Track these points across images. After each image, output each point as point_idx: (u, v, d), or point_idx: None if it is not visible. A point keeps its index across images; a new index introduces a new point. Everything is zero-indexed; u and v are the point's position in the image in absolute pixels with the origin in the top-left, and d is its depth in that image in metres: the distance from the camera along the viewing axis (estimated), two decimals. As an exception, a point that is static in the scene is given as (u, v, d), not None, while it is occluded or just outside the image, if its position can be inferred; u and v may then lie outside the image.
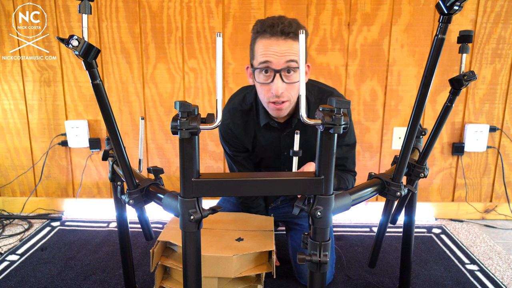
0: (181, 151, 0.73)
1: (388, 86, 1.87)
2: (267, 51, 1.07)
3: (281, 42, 1.06)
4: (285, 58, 1.06)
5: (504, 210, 2.00)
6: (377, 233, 1.04)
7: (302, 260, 0.77)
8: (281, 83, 1.08)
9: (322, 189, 0.76)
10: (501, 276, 1.45)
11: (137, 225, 1.38)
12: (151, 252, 1.17)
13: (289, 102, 1.14)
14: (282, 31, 1.06)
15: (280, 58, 1.06)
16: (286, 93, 1.11)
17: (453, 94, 1.00)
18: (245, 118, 1.29)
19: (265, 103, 1.17)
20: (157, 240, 1.20)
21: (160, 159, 1.98)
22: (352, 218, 1.96)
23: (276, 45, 1.06)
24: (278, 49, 1.06)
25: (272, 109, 1.16)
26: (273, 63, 1.07)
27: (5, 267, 1.48)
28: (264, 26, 1.08)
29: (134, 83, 1.89)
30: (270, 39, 1.07)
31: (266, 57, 1.06)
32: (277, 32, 1.06)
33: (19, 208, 2.03)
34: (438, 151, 1.95)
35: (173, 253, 1.26)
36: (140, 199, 0.88)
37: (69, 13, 1.82)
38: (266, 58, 1.07)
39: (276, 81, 1.07)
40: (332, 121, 0.70)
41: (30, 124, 1.96)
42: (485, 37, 1.82)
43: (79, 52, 0.68)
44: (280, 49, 1.06)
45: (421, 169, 1.05)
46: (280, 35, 1.06)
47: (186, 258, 0.78)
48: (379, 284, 1.39)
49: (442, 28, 0.75)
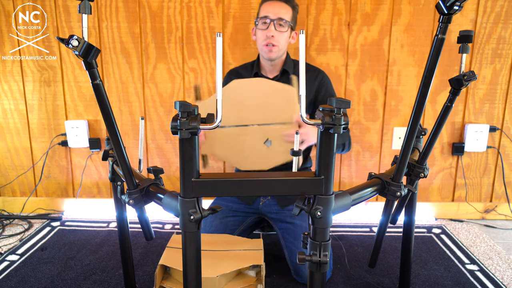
0: (181, 151, 0.73)
1: (388, 86, 1.87)
2: (267, 8, 1.49)
3: (277, 4, 1.48)
4: (279, 14, 1.46)
5: (504, 210, 2.00)
6: (377, 233, 1.04)
7: (302, 260, 0.77)
8: (273, 29, 1.46)
9: (322, 189, 0.76)
10: (501, 276, 1.45)
11: (137, 225, 1.37)
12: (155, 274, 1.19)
13: (278, 47, 1.48)
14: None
15: (275, 13, 1.46)
16: (276, 38, 1.46)
17: (453, 94, 1.00)
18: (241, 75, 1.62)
19: (261, 46, 1.50)
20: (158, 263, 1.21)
21: (160, 159, 1.98)
22: (352, 218, 1.96)
23: (273, 5, 1.48)
24: (274, 8, 1.47)
25: (265, 52, 1.49)
26: (270, 16, 1.46)
27: (5, 267, 1.48)
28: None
29: (134, 83, 1.89)
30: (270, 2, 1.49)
31: (266, 12, 1.48)
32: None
33: (19, 208, 2.03)
34: (438, 151, 1.95)
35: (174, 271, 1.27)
36: (140, 199, 0.88)
37: (69, 13, 1.82)
38: (265, 13, 1.48)
39: (270, 27, 1.46)
40: (332, 121, 0.70)
41: (30, 124, 1.96)
42: (485, 37, 1.82)
43: (79, 52, 0.68)
44: (275, 8, 1.47)
45: (421, 169, 1.05)
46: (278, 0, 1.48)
47: (186, 258, 0.78)
48: (379, 284, 1.39)
49: (442, 28, 0.75)
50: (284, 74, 1.56)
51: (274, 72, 1.57)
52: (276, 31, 1.46)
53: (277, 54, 1.49)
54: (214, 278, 1.14)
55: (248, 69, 1.63)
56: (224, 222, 1.49)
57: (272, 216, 1.53)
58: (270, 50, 1.47)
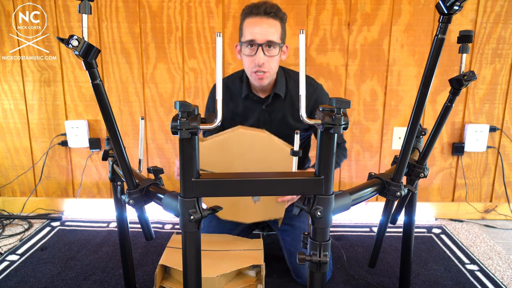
0: (181, 151, 0.73)
1: (388, 86, 1.87)
2: (252, 30, 1.28)
3: (264, 21, 1.28)
4: (266, 37, 1.27)
5: (504, 210, 2.00)
6: (377, 233, 1.04)
7: (302, 260, 0.77)
8: (262, 55, 1.28)
9: (322, 189, 0.76)
10: (501, 276, 1.45)
11: (137, 225, 1.37)
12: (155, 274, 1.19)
13: (269, 73, 1.32)
14: (265, 11, 1.28)
15: (263, 36, 1.27)
16: (266, 64, 1.30)
17: (453, 94, 1.00)
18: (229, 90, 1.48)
19: (249, 73, 1.34)
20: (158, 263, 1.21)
21: (160, 159, 1.98)
22: (352, 218, 1.96)
23: (259, 25, 1.27)
24: (261, 29, 1.27)
25: (255, 79, 1.33)
26: (257, 39, 1.27)
27: (5, 267, 1.48)
28: (250, 7, 1.31)
29: (134, 83, 1.89)
30: (255, 18, 1.29)
31: (252, 35, 1.28)
32: (260, 12, 1.28)
33: (19, 208, 2.03)
34: (438, 151, 1.95)
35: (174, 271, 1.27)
36: (140, 199, 0.88)
37: (69, 13, 1.82)
38: (251, 36, 1.28)
39: (258, 53, 1.28)
40: (332, 121, 0.70)
41: (30, 124, 1.96)
42: (485, 37, 1.82)
43: (79, 52, 0.68)
44: (262, 29, 1.27)
45: (421, 169, 1.05)
46: (263, 14, 1.28)
47: (186, 258, 0.78)
48: (379, 284, 1.39)
49: (442, 28, 0.75)
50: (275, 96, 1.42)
51: (266, 92, 1.43)
52: (265, 56, 1.28)
53: (268, 79, 1.35)
54: (214, 278, 1.15)
55: (236, 83, 1.46)
56: (223, 223, 1.49)
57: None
58: (261, 78, 1.32)
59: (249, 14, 1.31)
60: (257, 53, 1.28)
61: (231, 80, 1.48)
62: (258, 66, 1.29)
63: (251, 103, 1.45)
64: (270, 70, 1.32)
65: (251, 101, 1.44)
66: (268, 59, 1.30)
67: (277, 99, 1.43)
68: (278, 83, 1.41)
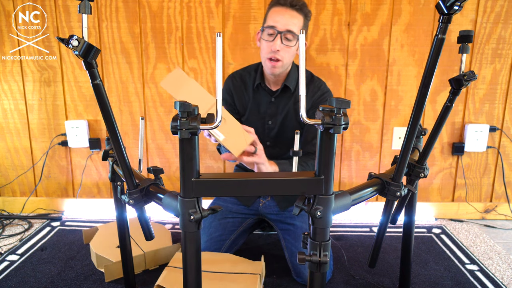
0: (181, 151, 0.73)
1: (388, 86, 1.87)
2: (275, 17, 1.33)
3: (288, 12, 1.32)
4: (287, 26, 1.31)
5: (504, 210, 2.00)
6: (377, 233, 1.04)
7: (302, 260, 0.77)
8: (279, 42, 1.32)
9: (322, 189, 0.76)
10: (501, 276, 1.45)
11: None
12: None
13: (282, 62, 1.36)
14: (291, 3, 1.33)
15: (284, 24, 1.31)
16: (281, 52, 1.34)
17: (453, 94, 1.00)
18: (244, 81, 1.53)
19: (264, 58, 1.38)
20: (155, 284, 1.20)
21: (160, 159, 1.98)
22: (352, 218, 1.96)
23: (283, 14, 1.32)
24: (283, 17, 1.32)
25: (268, 66, 1.37)
26: (278, 27, 1.32)
27: (5, 267, 1.48)
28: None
29: (134, 83, 1.89)
30: (281, 8, 1.33)
31: (274, 22, 1.32)
32: (286, 3, 1.33)
33: (19, 208, 2.03)
34: (438, 151, 1.95)
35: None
36: (140, 199, 0.88)
37: (69, 13, 1.82)
38: (273, 22, 1.32)
39: (276, 40, 1.32)
40: (332, 121, 0.70)
41: (30, 124, 1.96)
42: (485, 37, 1.82)
43: (79, 52, 0.68)
44: (285, 18, 1.32)
45: (421, 169, 1.05)
46: (288, 6, 1.33)
47: (186, 258, 0.78)
48: (379, 284, 1.39)
49: (442, 28, 0.75)
50: (285, 88, 1.47)
51: (278, 85, 1.47)
52: (282, 44, 1.33)
53: (280, 69, 1.38)
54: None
55: (251, 74, 1.52)
56: (223, 223, 1.49)
57: (272, 217, 1.53)
58: (274, 66, 1.36)
59: (276, 4, 1.36)
60: (275, 39, 1.32)
61: (247, 72, 1.54)
62: (273, 53, 1.33)
63: (261, 95, 1.50)
64: (283, 60, 1.35)
65: (262, 92, 1.50)
66: (284, 48, 1.33)
67: (286, 92, 1.47)
68: (290, 77, 1.45)
